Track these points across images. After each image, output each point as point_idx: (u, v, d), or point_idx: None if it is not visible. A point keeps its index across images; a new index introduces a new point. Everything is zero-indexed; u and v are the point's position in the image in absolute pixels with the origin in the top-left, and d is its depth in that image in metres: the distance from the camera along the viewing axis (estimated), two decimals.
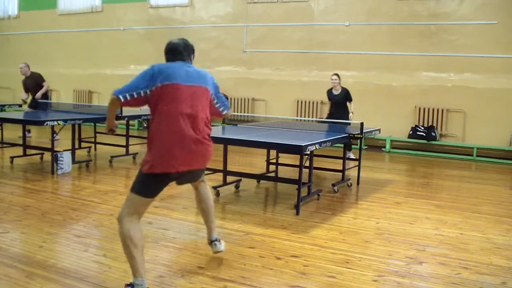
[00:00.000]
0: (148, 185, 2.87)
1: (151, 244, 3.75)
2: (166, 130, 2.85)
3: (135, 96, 2.92)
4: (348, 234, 4.20)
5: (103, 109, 7.91)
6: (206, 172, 5.41)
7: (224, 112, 3.33)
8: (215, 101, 3.19)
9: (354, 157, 8.01)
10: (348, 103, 8.07)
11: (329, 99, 8.33)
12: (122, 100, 2.91)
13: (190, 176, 3.14)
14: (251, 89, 11.15)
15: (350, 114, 7.98)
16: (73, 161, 6.57)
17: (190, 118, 2.89)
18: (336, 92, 8.18)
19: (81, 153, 7.68)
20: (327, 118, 8.24)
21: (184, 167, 2.90)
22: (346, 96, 8.07)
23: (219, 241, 3.51)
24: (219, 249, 3.49)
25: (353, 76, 10.16)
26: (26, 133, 7.45)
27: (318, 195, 5.43)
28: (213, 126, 3.29)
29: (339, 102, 8.10)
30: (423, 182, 6.85)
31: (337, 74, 8.21)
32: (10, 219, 4.26)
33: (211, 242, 3.50)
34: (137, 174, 2.91)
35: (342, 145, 6.34)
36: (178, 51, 3.09)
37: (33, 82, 9.13)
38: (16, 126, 7.25)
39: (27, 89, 9.20)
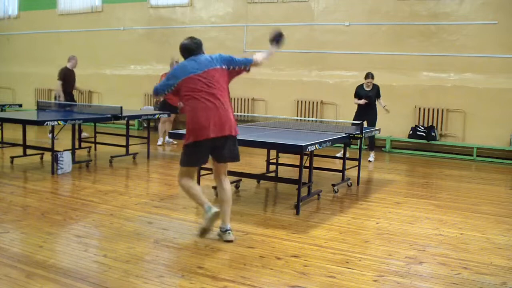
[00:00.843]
0: (189, 155, 3.80)
1: (151, 244, 3.76)
2: (195, 111, 3.68)
3: (169, 91, 3.84)
4: (348, 234, 4.20)
5: (103, 109, 7.91)
6: (206, 171, 5.44)
7: (248, 68, 3.92)
8: (231, 68, 3.86)
9: (372, 159, 8.22)
10: (377, 100, 8.15)
11: (359, 95, 8.14)
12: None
13: (221, 147, 3.77)
14: (251, 89, 11.14)
15: (386, 106, 8.10)
16: (73, 161, 6.57)
17: (211, 96, 3.69)
18: (368, 88, 8.13)
19: (81, 153, 7.68)
20: (356, 114, 8.14)
21: (214, 134, 3.67)
22: (377, 93, 8.12)
23: (231, 231, 3.88)
24: (230, 238, 3.84)
25: (353, 76, 10.14)
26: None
27: (318, 195, 5.43)
28: None
29: (370, 97, 8.07)
30: (423, 182, 6.84)
31: (371, 76, 8.07)
32: (10, 219, 4.26)
33: (225, 231, 3.86)
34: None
35: (343, 145, 6.33)
36: (190, 49, 3.85)
37: (75, 76, 9.62)
38: (16, 126, 7.25)
39: (70, 81, 9.54)
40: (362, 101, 8.04)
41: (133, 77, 12.47)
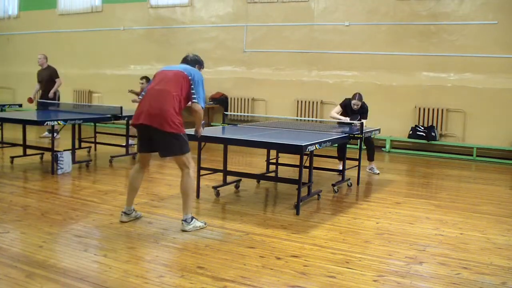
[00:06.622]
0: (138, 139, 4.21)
1: (151, 244, 3.76)
2: (143, 99, 4.06)
3: None
4: (348, 234, 4.20)
5: (103, 109, 7.91)
6: (206, 171, 5.44)
7: (194, 101, 4.05)
8: (192, 87, 4.04)
9: (377, 171, 7.08)
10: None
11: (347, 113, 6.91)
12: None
13: (155, 138, 3.98)
14: (251, 89, 11.14)
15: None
16: (73, 161, 6.56)
17: (154, 89, 4.00)
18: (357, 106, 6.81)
19: (81, 153, 7.67)
20: None
21: (144, 120, 3.91)
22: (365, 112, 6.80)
23: (185, 222, 4.07)
24: (182, 228, 4.06)
25: (353, 76, 10.16)
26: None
27: (318, 195, 5.43)
28: (213, 126, 3.44)
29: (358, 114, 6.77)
30: (423, 182, 6.84)
31: (359, 95, 6.78)
32: (10, 219, 4.26)
33: (182, 221, 4.09)
34: None
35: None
36: (185, 58, 4.35)
37: (48, 75, 9.42)
38: (16, 126, 7.25)
39: (40, 80, 9.46)
40: (344, 119, 6.79)
41: (133, 77, 12.43)
